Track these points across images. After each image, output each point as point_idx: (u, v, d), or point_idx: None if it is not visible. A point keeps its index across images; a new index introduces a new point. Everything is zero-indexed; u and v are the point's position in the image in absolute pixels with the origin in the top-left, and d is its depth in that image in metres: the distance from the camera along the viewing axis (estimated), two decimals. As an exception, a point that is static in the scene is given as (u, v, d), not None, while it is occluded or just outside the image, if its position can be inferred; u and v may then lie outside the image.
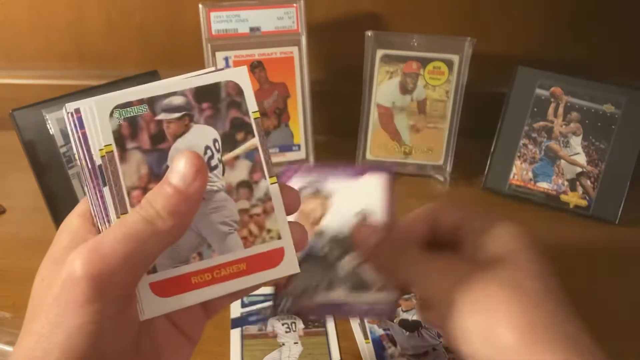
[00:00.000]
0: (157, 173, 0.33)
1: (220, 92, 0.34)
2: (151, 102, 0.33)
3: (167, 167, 0.33)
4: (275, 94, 0.80)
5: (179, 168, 0.31)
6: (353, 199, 0.46)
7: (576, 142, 0.77)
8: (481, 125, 0.78)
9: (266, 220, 0.35)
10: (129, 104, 0.32)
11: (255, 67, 0.79)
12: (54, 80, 0.85)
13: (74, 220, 0.34)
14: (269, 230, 0.35)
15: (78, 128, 0.32)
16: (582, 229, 0.75)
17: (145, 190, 0.32)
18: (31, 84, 0.86)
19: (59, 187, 0.67)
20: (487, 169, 0.80)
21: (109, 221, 0.32)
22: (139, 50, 0.86)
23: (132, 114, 0.32)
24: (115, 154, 0.32)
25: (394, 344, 0.58)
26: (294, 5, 0.77)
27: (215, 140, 0.34)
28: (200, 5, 0.75)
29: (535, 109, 0.78)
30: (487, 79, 0.83)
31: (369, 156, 0.82)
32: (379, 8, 0.84)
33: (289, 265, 0.35)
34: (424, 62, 0.79)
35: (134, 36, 0.85)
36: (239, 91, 0.34)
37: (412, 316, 0.60)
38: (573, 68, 0.80)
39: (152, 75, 0.74)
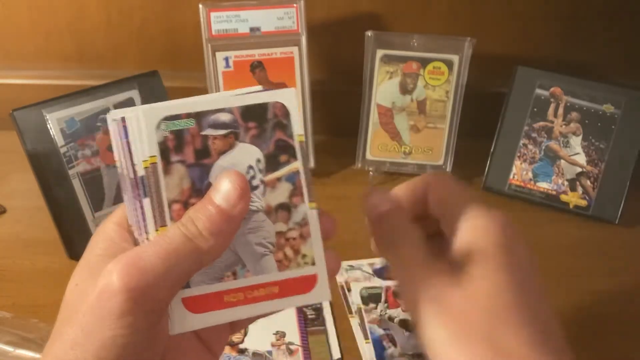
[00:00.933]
0: (198, 188, 0.32)
1: (267, 112, 0.34)
2: (199, 116, 0.33)
3: (209, 183, 0.32)
4: (275, 94, 0.80)
5: (224, 188, 0.31)
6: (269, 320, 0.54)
7: (576, 142, 0.77)
8: (481, 125, 0.78)
9: (302, 245, 0.34)
10: (177, 117, 0.32)
11: (256, 67, 0.79)
12: (54, 80, 0.85)
13: (110, 227, 0.34)
14: (303, 255, 0.34)
15: (123, 136, 0.32)
16: (582, 229, 0.75)
17: (185, 204, 0.32)
18: (31, 84, 0.86)
19: (60, 187, 0.67)
20: (487, 169, 0.80)
21: (147, 232, 0.32)
22: (139, 50, 0.86)
23: (179, 127, 0.32)
24: (159, 166, 0.32)
25: (394, 344, 0.58)
26: (294, 5, 0.77)
27: (258, 160, 0.34)
28: (200, 5, 0.75)
29: (535, 109, 0.78)
30: (487, 79, 0.83)
31: (368, 156, 0.82)
32: (379, 8, 0.84)
33: (321, 293, 0.34)
34: (424, 62, 0.79)
35: (134, 36, 0.85)
36: (286, 113, 0.34)
37: (412, 316, 0.60)
38: (573, 68, 0.81)
39: (152, 76, 0.74)
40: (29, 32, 0.85)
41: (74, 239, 0.67)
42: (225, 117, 0.33)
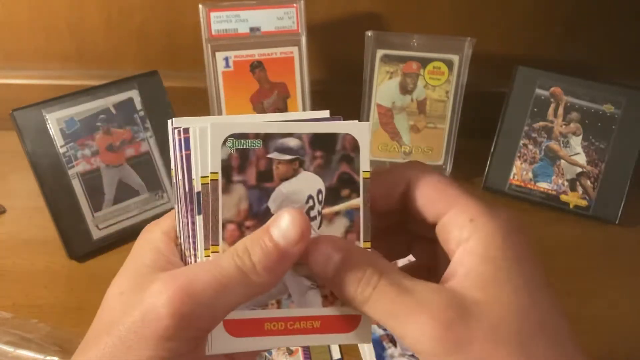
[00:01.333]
0: (255, 211, 0.32)
1: (336, 143, 0.33)
2: (267, 138, 0.32)
3: (267, 207, 0.32)
4: (275, 94, 0.80)
5: (284, 225, 0.30)
6: None
7: (576, 142, 0.77)
8: (481, 125, 0.78)
9: None
10: (244, 136, 0.32)
11: (255, 67, 0.79)
12: (54, 80, 0.85)
13: (158, 236, 0.34)
14: None
15: (182, 147, 0.32)
16: (582, 229, 0.75)
17: (240, 225, 0.32)
18: (31, 84, 0.86)
19: (59, 187, 0.67)
20: (487, 169, 0.80)
21: (194, 249, 0.32)
22: (139, 50, 0.86)
23: (245, 147, 0.32)
24: (220, 184, 0.31)
25: (394, 344, 0.58)
26: (294, 5, 0.77)
27: (319, 191, 0.33)
28: (200, 5, 0.75)
29: (535, 109, 0.78)
30: (487, 79, 0.83)
31: (369, 156, 0.82)
32: (379, 8, 0.84)
33: (362, 335, 0.34)
34: (424, 62, 0.79)
35: (134, 36, 0.85)
36: (355, 146, 0.34)
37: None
38: (573, 68, 0.81)
39: (152, 76, 0.74)
40: (29, 32, 0.85)
41: (73, 239, 0.67)
42: (293, 143, 0.32)
